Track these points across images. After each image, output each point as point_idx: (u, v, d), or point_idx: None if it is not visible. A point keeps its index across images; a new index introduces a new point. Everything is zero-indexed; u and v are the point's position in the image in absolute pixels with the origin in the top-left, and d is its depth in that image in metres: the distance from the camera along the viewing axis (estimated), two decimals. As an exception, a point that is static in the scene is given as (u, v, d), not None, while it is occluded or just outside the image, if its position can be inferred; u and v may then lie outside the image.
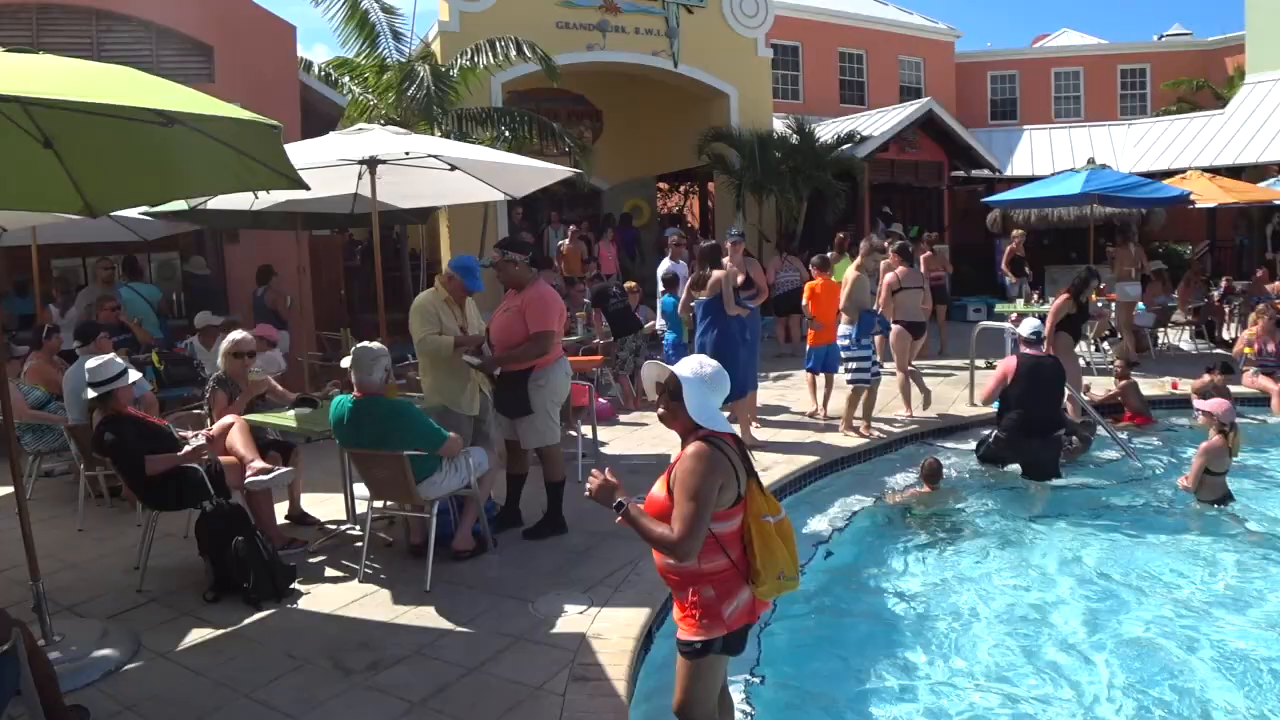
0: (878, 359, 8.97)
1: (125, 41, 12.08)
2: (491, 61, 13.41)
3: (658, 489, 3.20)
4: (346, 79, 14.06)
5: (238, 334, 6.34)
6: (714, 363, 3.21)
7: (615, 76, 19.27)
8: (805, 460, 7.81)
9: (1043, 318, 9.18)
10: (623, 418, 9.73)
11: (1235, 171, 19.54)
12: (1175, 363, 12.98)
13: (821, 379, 9.69)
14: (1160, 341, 14.24)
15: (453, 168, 7.15)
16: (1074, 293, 9.37)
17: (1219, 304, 14.94)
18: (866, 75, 26.39)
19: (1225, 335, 14.49)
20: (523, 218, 16.91)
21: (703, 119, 18.47)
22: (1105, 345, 13.03)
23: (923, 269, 13.97)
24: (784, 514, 3.25)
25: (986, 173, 21.72)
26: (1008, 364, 7.82)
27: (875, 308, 9.91)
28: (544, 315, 5.78)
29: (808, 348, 9.89)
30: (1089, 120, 27.24)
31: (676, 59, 17.45)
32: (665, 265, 11.20)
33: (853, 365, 8.82)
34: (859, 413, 8.89)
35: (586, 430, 8.05)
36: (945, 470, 7.66)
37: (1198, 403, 7.37)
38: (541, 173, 7.37)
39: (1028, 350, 7.81)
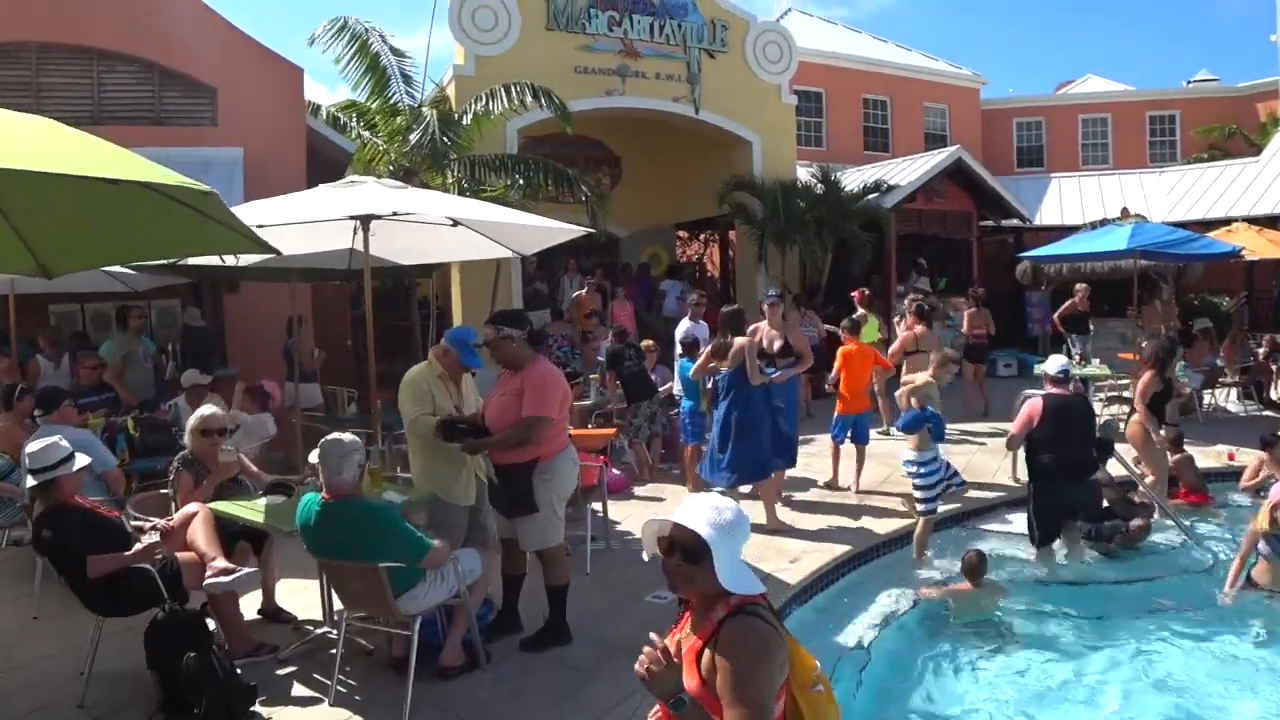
0: (954, 471, 7.58)
1: (127, 83, 11.68)
2: (506, 107, 12.88)
3: (687, 678, 2.43)
4: (355, 123, 13.55)
5: (206, 409, 5.68)
6: (729, 504, 2.46)
7: (634, 122, 18.79)
8: (837, 550, 7.07)
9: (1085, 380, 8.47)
10: (638, 490, 9.05)
11: (1274, 220, 18.84)
12: (1224, 426, 12.24)
13: (851, 449, 9.05)
14: (1205, 402, 13.44)
15: (454, 223, 6.55)
16: (1159, 367, 8.52)
17: (1266, 362, 14.17)
18: (891, 122, 25.90)
19: (1274, 395, 13.72)
20: (537, 267, 16.36)
21: (724, 166, 17.93)
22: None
23: (966, 325, 13.37)
24: (821, 671, 2.58)
25: (1016, 222, 21.06)
26: (1033, 406, 7.22)
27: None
28: (542, 399, 5.10)
29: (835, 415, 9.24)
30: (1117, 167, 26.62)
31: (698, 105, 16.94)
32: (684, 326, 10.45)
33: (919, 493, 7.34)
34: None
35: (596, 506, 7.35)
36: (989, 558, 6.89)
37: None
38: (550, 232, 6.75)
39: (1054, 390, 7.24)
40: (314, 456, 4.63)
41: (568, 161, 18.85)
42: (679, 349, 10.02)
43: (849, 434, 9.23)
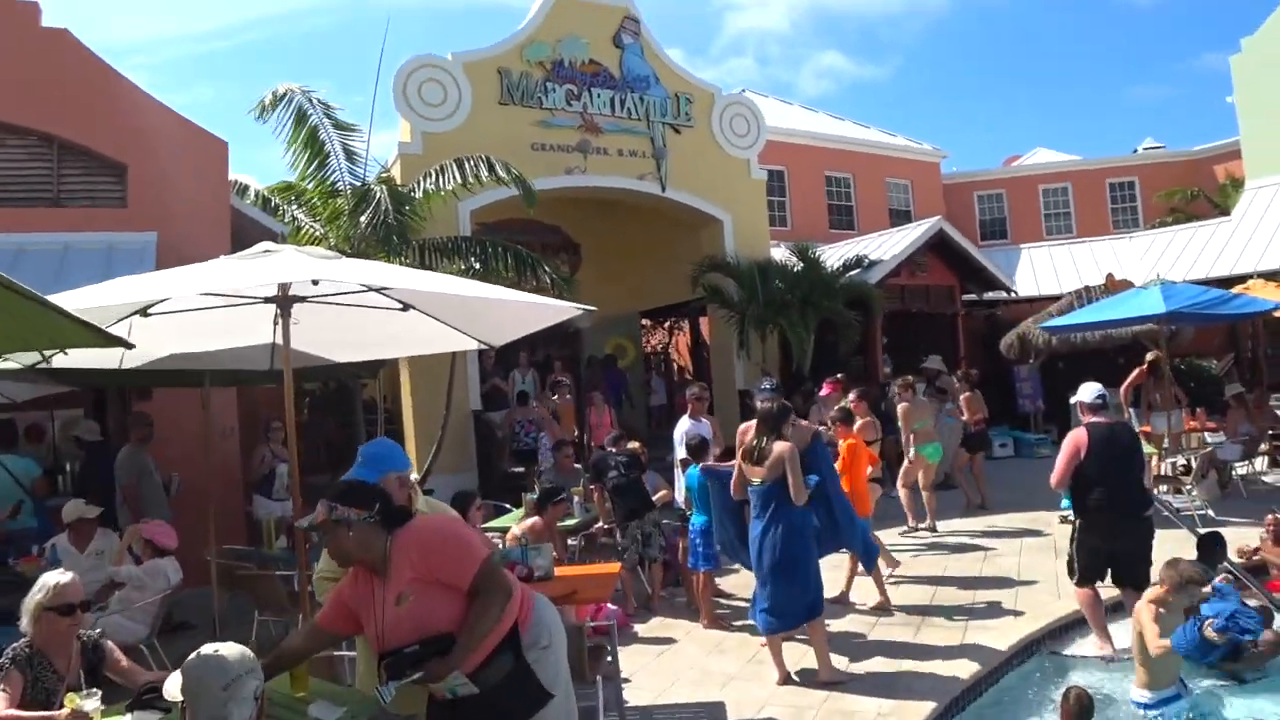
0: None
1: (19, 158, 10.14)
2: (459, 183, 11.53)
3: None
4: (292, 206, 12.12)
5: (54, 576, 3.92)
6: None
7: (594, 205, 17.59)
8: (917, 709, 5.45)
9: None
10: (639, 628, 7.40)
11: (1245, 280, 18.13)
12: (1271, 499, 10.98)
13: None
14: (1238, 472, 12.21)
15: (405, 306, 5.06)
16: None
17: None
18: (855, 199, 25.17)
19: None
20: (495, 362, 14.86)
21: (693, 249, 16.71)
22: (1189, 490, 10.85)
23: (965, 412, 12.10)
24: None
25: (1000, 295, 20.08)
26: (1077, 437, 6.52)
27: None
28: (463, 545, 3.39)
29: None
30: (1081, 235, 26.24)
31: (664, 182, 15.76)
32: (685, 426, 8.91)
33: None
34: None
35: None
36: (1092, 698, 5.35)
37: None
38: (536, 310, 5.27)
39: (1095, 418, 6.60)
40: (174, 684, 2.92)
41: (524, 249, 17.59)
42: (680, 451, 8.46)
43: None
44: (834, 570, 7.73)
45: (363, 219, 10.65)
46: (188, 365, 6.06)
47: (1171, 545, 9.19)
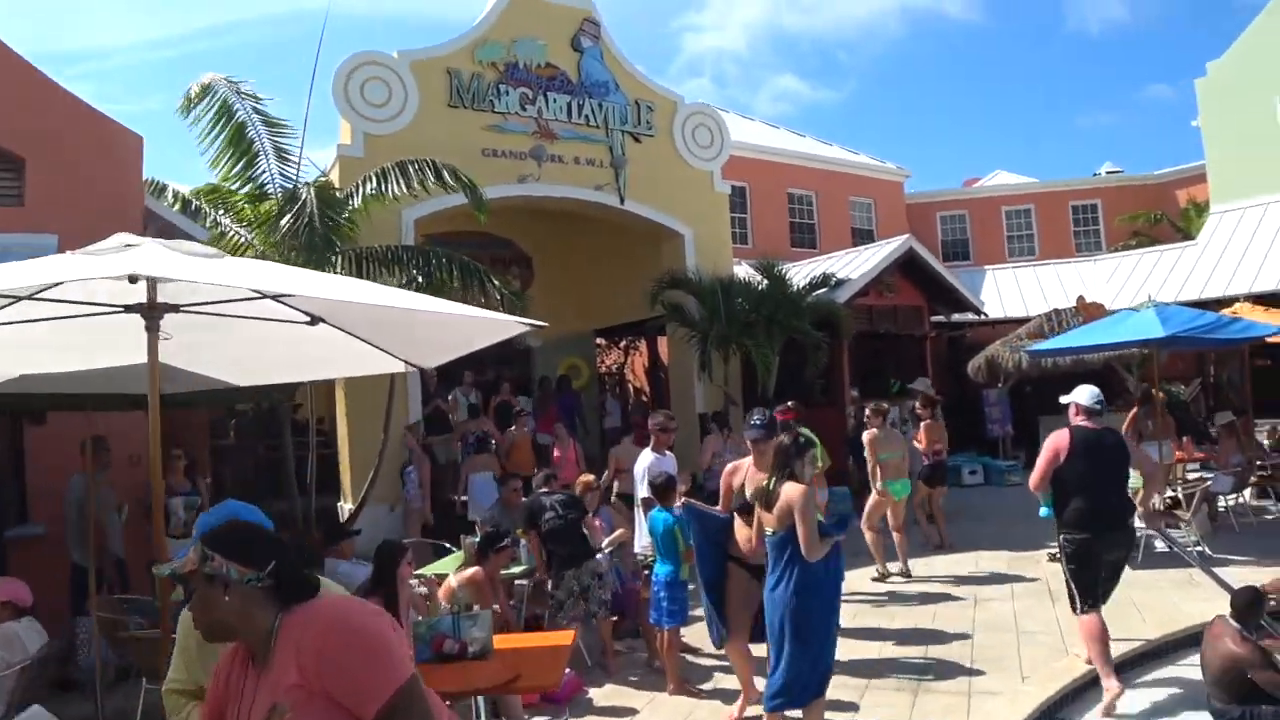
0: None
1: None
2: (402, 189, 10.56)
3: None
4: (217, 210, 11.05)
5: None
6: None
7: (548, 217, 16.68)
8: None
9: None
10: (595, 693, 6.43)
11: (1219, 304, 17.74)
12: (1265, 535, 10.35)
13: None
14: (1223, 505, 11.57)
15: (313, 320, 4.12)
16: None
17: (1273, 454, 12.47)
18: (818, 217, 24.56)
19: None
20: (440, 382, 13.84)
21: (652, 264, 15.83)
22: (1187, 525, 10.13)
23: (923, 440, 11.30)
24: None
25: (969, 316, 19.46)
26: (1058, 439, 6.23)
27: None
28: (370, 668, 2.21)
29: None
30: (1043, 257, 25.92)
31: (623, 194, 14.87)
32: (647, 460, 7.75)
33: None
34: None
35: None
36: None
37: None
38: (476, 326, 4.34)
39: (1083, 422, 6.30)
40: None
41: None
42: (642, 489, 7.43)
43: None
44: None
45: (284, 223, 9.61)
46: (66, 389, 5.05)
47: (1168, 586, 8.54)
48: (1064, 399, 6.77)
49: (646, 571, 6.90)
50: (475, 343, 4.48)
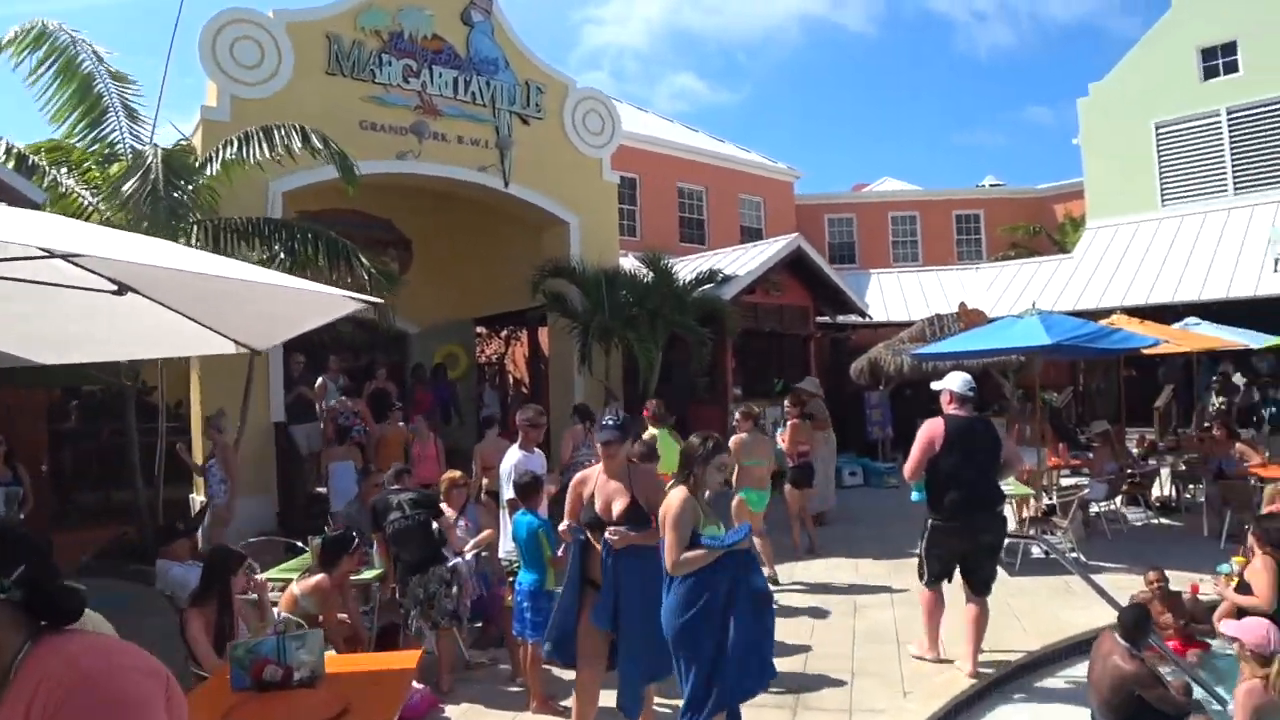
0: None
1: None
2: (265, 155, 9.78)
3: None
4: (60, 169, 10.06)
5: None
6: None
7: (430, 199, 15.98)
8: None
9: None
10: (451, 711, 5.88)
11: (1093, 315, 18.23)
12: (1135, 542, 10.45)
13: None
14: (1096, 511, 11.68)
15: (120, 288, 3.50)
16: None
17: (1142, 464, 12.69)
18: (708, 213, 24.35)
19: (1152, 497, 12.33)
20: (306, 367, 13.04)
21: (536, 252, 15.30)
22: (1064, 532, 10.12)
23: (787, 440, 10.93)
24: None
25: (855, 319, 19.48)
26: (933, 428, 6.31)
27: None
28: None
29: None
30: (927, 264, 26.36)
31: (508, 177, 14.28)
32: (514, 458, 7.17)
33: None
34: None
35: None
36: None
37: (1227, 626, 5.22)
38: (312, 302, 3.75)
39: (956, 410, 6.39)
40: None
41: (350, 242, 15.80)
42: (507, 491, 6.81)
43: None
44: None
45: (125, 188, 8.76)
46: None
47: (1046, 594, 8.47)
48: (936, 385, 6.78)
49: (511, 578, 6.38)
50: (309, 321, 3.88)
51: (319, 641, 3.86)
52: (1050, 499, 10.71)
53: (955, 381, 6.49)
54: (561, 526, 5.29)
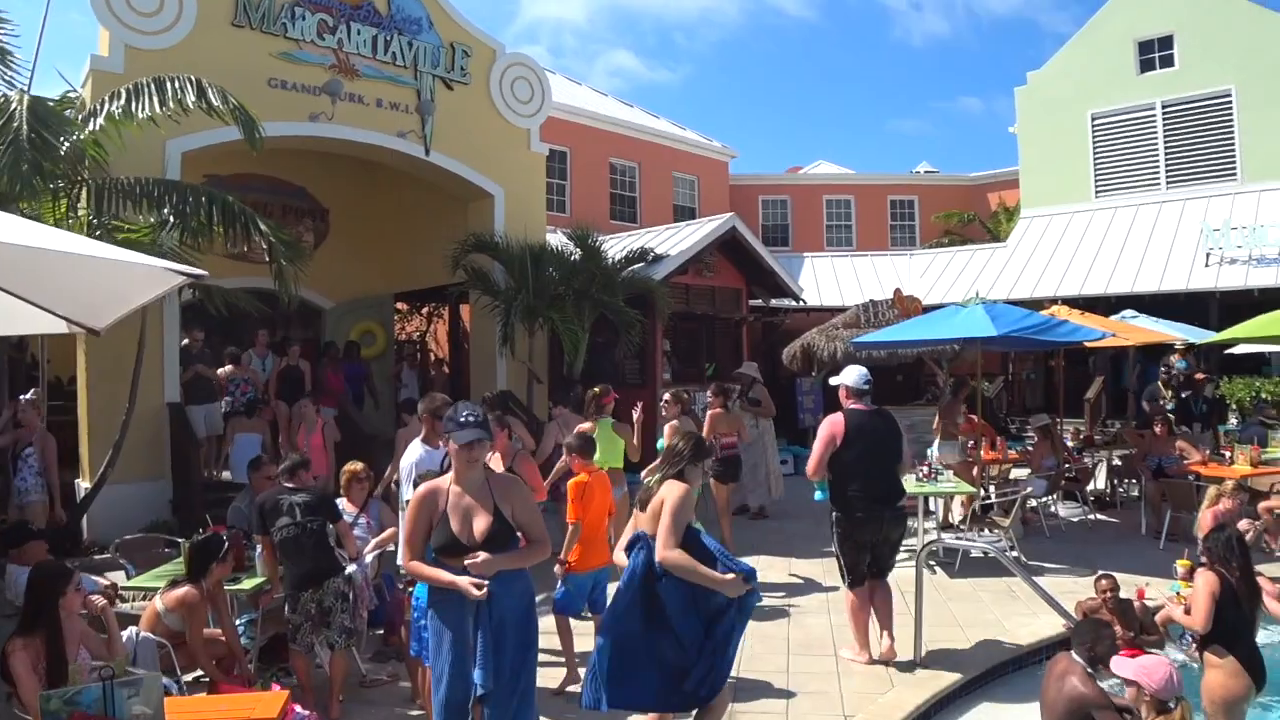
0: None
1: None
2: (156, 108, 8.86)
3: None
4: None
5: None
6: None
7: (348, 166, 15.05)
8: None
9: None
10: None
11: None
12: (1076, 541, 10.12)
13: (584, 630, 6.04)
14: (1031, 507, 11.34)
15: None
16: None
17: (1078, 458, 12.41)
18: (640, 190, 23.69)
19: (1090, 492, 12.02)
20: (207, 337, 12.12)
21: (459, 225, 14.48)
22: (1006, 531, 9.70)
23: (707, 429, 10.21)
24: None
25: (788, 303, 19.01)
26: (834, 423, 6.33)
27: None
28: None
29: (561, 578, 6.02)
30: (861, 249, 26.11)
31: (429, 144, 13.42)
32: (416, 453, 6.21)
33: None
34: None
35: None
36: None
37: (1118, 666, 4.70)
38: (136, 276, 3.01)
39: (856, 404, 6.41)
40: None
41: (262, 210, 14.72)
42: (407, 490, 5.93)
43: (587, 604, 6.19)
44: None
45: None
46: None
47: (989, 599, 8.04)
48: (833, 380, 6.77)
49: (411, 589, 5.66)
50: (137, 296, 3.16)
51: (157, 689, 3.15)
52: (987, 495, 10.32)
53: (851, 376, 6.47)
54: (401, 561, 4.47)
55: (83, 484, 10.96)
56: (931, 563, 9.14)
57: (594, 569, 6.11)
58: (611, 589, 6.51)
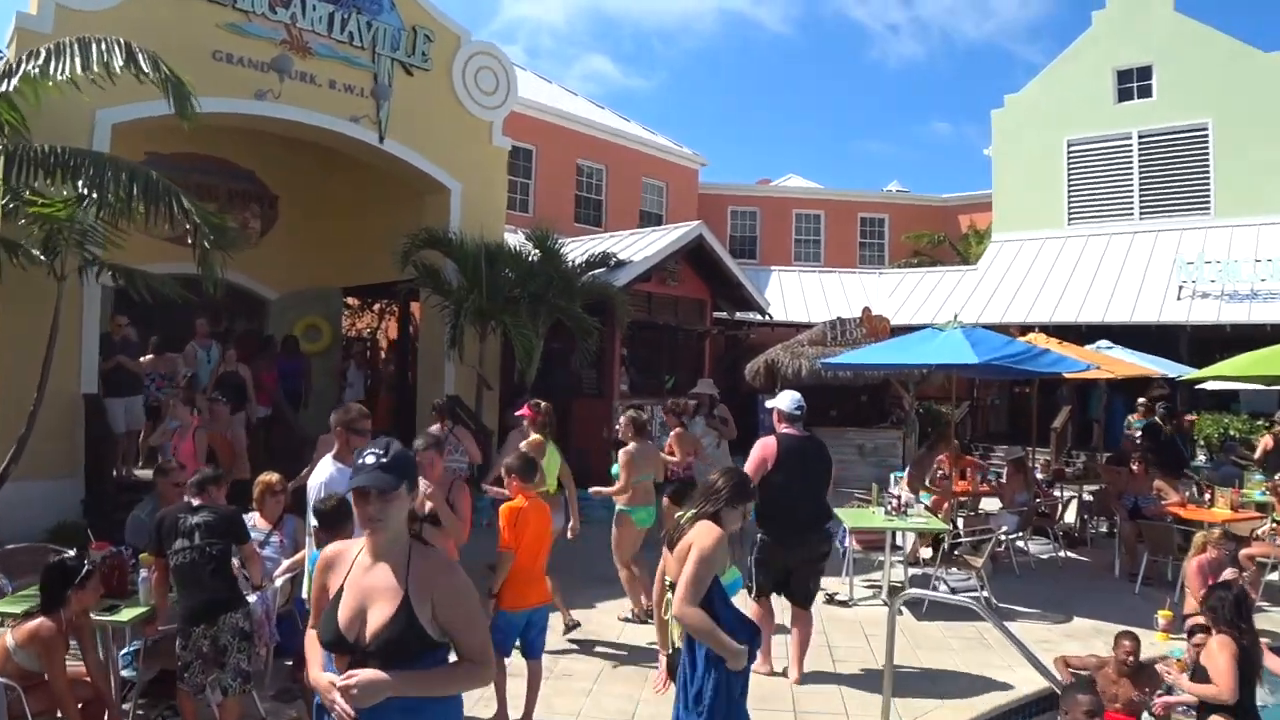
0: None
1: None
2: (77, 70, 8.06)
3: None
4: None
5: None
6: None
7: (299, 151, 14.25)
8: None
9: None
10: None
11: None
12: (1047, 582, 9.54)
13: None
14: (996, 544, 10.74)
15: None
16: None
17: (1048, 491, 11.91)
18: (606, 194, 23.06)
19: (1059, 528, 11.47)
20: (129, 323, 11.25)
21: (414, 220, 13.72)
22: (979, 571, 9.07)
23: (675, 453, 9.59)
24: None
25: (753, 316, 18.45)
26: (766, 447, 6.45)
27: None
28: None
29: (495, 612, 5.26)
30: (828, 265, 25.68)
31: (383, 131, 12.68)
32: (326, 472, 5.17)
33: None
34: None
35: None
36: None
37: None
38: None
39: (788, 429, 6.55)
40: None
41: (206, 193, 13.99)
42: (313, 520, 4.97)
43: (518, 643, 5.52)
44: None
45: None
46: None
47: (960, 647, 7.41)
48: (769, 403, 6.89)
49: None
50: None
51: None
52: (955, 530, 9.71)
53: (784, 401, 6.58)
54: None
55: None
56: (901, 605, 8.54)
57: (530, 607, 5.43)
58: (550, 628, 5.88)
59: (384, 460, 2.82)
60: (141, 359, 11.34)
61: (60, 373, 9.58)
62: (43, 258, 8.89)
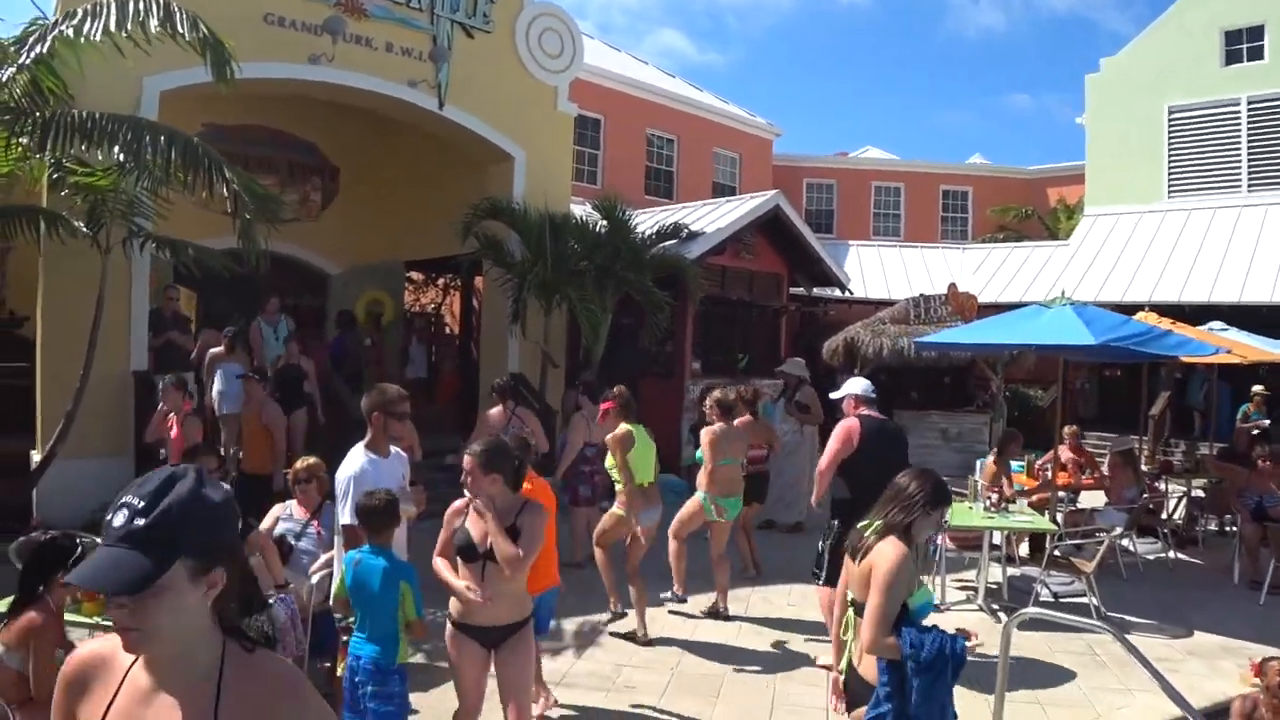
0: None
1: None
2: (110, 28, 7.58)
3: None
4: None
5: None
6: None
7: (358, 119, 13.77)
8: None
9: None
10: None
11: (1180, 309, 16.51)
12: (1164, 588, 8.62)
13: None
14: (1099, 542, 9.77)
15: None
16: None
17: (1154, 486, 10.90)
18: (677, 165, 22.24)
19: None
20: (174, 311, 10.76)
21: (475, 189, 13.13)
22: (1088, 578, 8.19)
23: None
24: None
25: (832, 293, 17.56)
26: (849, 427, 6.19)
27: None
28: None
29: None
30: (909, 240, 24.58)
31: (443, 96, 12.08)
32: (357, 463, 4.52)
33: None
34: None
35: None
36: None
37: None
38: None
39: (867, 411, 6.33)
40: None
41: (266, 166, 13.59)
42: (344, 513, 4.39)
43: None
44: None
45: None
46: None
47: (1073, 665, 6.51)
48: (834, 395, 6.69)
49: (345, 638, 4.33)
50: None
51: None
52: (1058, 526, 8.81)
53: (858, 386, 6.46)
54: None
55: (37, 455, 9.80)
56: (995, 606, 7.75)
57: (537, 592, 4.77)
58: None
59: (136, 525, 1.55)
60: (211, 350, 10.69)
61: (108, 349, 9.25)
62: (86, 230, 8.51)
